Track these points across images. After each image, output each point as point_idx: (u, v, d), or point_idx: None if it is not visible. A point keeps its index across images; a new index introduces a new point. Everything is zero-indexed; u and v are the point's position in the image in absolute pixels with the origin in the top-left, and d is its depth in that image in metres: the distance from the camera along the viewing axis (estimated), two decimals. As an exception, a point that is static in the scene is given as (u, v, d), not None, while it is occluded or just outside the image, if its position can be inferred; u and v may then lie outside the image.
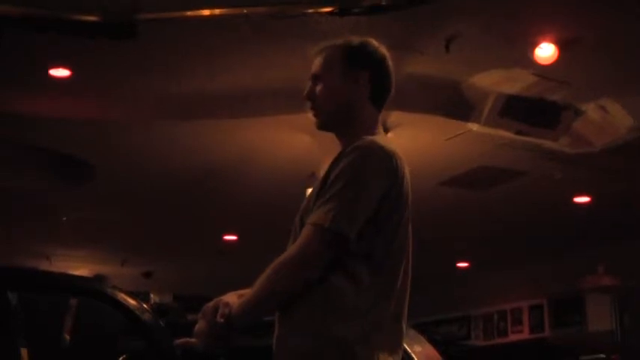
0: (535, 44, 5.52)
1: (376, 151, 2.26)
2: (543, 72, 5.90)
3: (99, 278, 10.90)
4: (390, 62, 2.47)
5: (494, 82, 6.14)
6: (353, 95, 2.40)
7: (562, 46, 5.50)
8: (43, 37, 5.35)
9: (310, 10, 5.06)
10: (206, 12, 5.09)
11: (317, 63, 2.45)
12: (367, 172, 2.22)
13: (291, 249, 2.20)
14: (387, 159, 2.26)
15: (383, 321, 2.22)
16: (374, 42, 2.48)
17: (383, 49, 2.47)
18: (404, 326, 2.31)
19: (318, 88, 2.43)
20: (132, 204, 9.03)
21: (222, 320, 2.19)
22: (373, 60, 2.43)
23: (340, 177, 2.21)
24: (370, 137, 2.31)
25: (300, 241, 2.19)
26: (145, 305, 3.52)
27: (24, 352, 3.35)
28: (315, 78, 2.44)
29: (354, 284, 2.18)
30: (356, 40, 2.47)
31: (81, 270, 11.57)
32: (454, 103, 6.36)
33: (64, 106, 6.45)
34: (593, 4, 5.13)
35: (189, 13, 5.11)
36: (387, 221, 2.24)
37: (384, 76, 2.45)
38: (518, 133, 6.71)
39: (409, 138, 6.74)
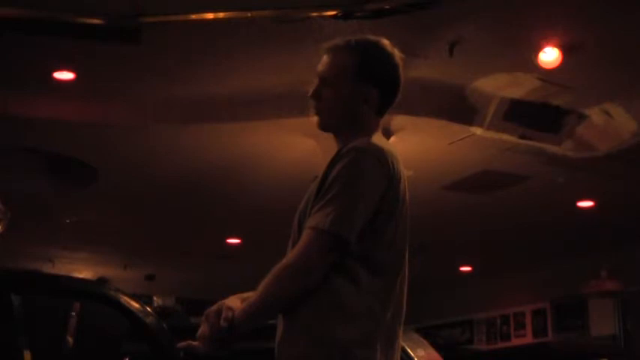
0: (539, 48, 5.52)
1: (372, 152, 2.25)
2: (547, 76, 5.90)
3: (102, 281, 10.90)
4: (401, 69, 2.43)
5: (497, 86, 6.14)
6: (361, 107, 2.38)
7: (566, 50, 5.50)
8: (48, 40, 5.37)
9: (314, 14, 5.07)
10: (210, 15, 5.09)
11: (325, 63, 2.41)
12: (365, 174, 2.22)
13: (292, 253, 2.20)
14: (383, 160, 2.25)
15: (383, 323, 2.22)
16: (387, 47, 2.42)
17: (396, 56, 2.42)
18: (401, 328, 2.31)
19: (326, 92, 2.40)
20: (135, 207, 9.03)
21: (225, 324, 2.19)
22: (385, 75, 2.40)
23: (338, 179, 2.21)
24: (366, 138, 2.30)
25: (301, 245, 2.19)
26: (147, 308, 3.52)
27: (27, 354, 3.36)
28: (324, 80, 2.41)
29: (354, 286, 2.19)
30: (366, 41, 2.42)
31: (84, 273, 11.58)
32: (458, 107, 6.35)
33: (68, 109, 6.46)
34: (596, 8, 5.13)
35: (193, 16, 5.11)
36: (385, 222, 2.24)
37: (393, 88, 2.42)
38: (522, 137, 6.70)
39: (412, 142, 6.73)
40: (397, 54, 2.43)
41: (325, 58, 2.43)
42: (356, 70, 2.37)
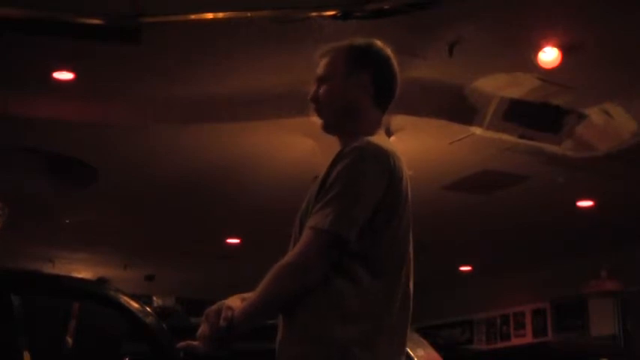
0: (538, 48, 5.52)
1: (373, 152, 2.26)
2: (547, 76, 5.90)
3: (102, 281, 10.90)
4: (394, 63, 2.47)
5: (497, 85, 6.14)
6: (355, 95, 2.41)
7: (565, 50, 5.50)
8: (48, 40, 5.37)
9: (314, 14, 5.07)
10: (210, 15, 5.09)
11: (321, 65, 2.46)
12: (365, 174, 2.22)
13: (292, 253, 2.21)
14: (384, 159, 2.26)
15: (385, 324, 2.22)
16: (379, 43, 2.48)
17: (387, 50, 2.48)
18: (407, 330, 2.31)
19: (322, 89, 2.44)
20: (134, 207, 9.03)
21: (224, 324, 2.19)
22: (376, 60, 2.44)
23: (338, 179, 2.21)
24: (368, 138, 2.31)
25: (300, 244, 2.19)
26: (147, 308, 3.52)
27: (27, 354, 3.36)
28: (319, 79, 2.45)
29: (354, 287, 2.19)
30: (361, 40, 2.48)
31: (84, 273, 11.58)
32: (458, 107, 6.35)
33: (68, 109, 6.46)
34: (596, 8, 5.13)
35: (193, 16, 5.11)
36: (385, 222, 2.24)
37: (387, 77, 2.45)
38: (522, 137, 6.70)
39: (412, 142, 6.73)
40: (389, 51, 2.48)
41: (321, 62, 2.47)
42: (346, 59, 2.43)
